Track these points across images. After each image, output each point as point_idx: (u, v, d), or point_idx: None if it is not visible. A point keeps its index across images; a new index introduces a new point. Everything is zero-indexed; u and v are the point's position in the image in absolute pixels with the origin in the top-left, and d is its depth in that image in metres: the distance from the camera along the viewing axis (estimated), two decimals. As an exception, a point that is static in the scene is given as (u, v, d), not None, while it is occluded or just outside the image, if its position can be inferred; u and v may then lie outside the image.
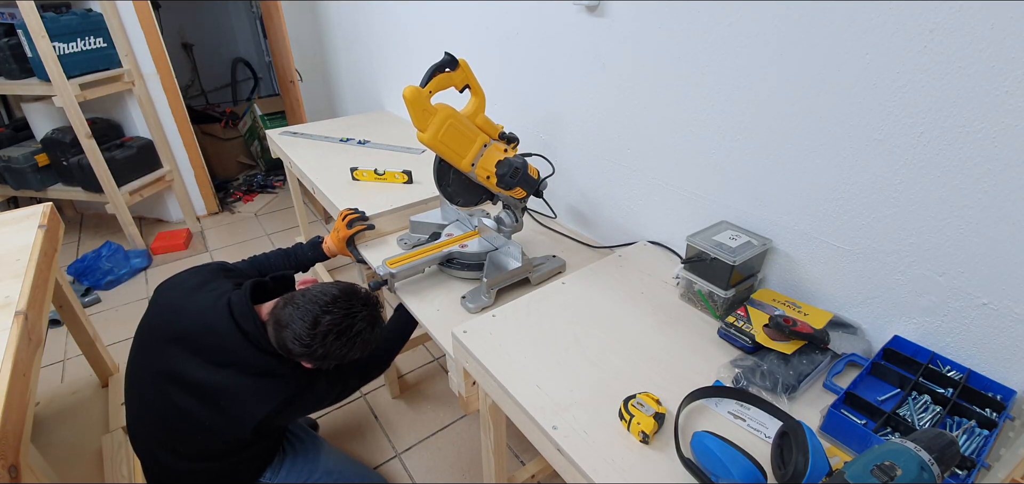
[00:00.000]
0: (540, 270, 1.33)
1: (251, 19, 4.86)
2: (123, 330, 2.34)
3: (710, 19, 1.08)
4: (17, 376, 0.94)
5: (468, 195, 1.32)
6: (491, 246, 1.34)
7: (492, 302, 1.23)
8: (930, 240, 0.89)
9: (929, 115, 0.83)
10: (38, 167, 2.69)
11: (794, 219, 1.08)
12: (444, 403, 1.90)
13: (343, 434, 1.80)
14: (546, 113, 1.61)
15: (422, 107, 1.13)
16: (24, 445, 0.91)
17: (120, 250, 2.77)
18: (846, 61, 0.90)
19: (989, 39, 0.74)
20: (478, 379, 1.03)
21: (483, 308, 1.21)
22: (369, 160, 2.01)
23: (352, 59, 2.95)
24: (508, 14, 1.62)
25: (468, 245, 1.34)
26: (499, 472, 1.22)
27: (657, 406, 0.83)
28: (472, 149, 1.20)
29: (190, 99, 4.50)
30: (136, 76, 2.75)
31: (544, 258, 1.38)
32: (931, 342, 0.94)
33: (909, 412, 0.85)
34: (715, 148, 1.17)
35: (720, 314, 1.08)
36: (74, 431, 1.66)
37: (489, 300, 1.22)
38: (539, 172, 1.28)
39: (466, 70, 1.20)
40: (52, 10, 2.43)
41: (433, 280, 1.33)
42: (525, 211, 1.35)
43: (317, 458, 1.36)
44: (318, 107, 3.48)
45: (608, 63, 1.34)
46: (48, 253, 1.35)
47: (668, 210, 1.34)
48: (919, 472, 0.61)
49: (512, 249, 1.30)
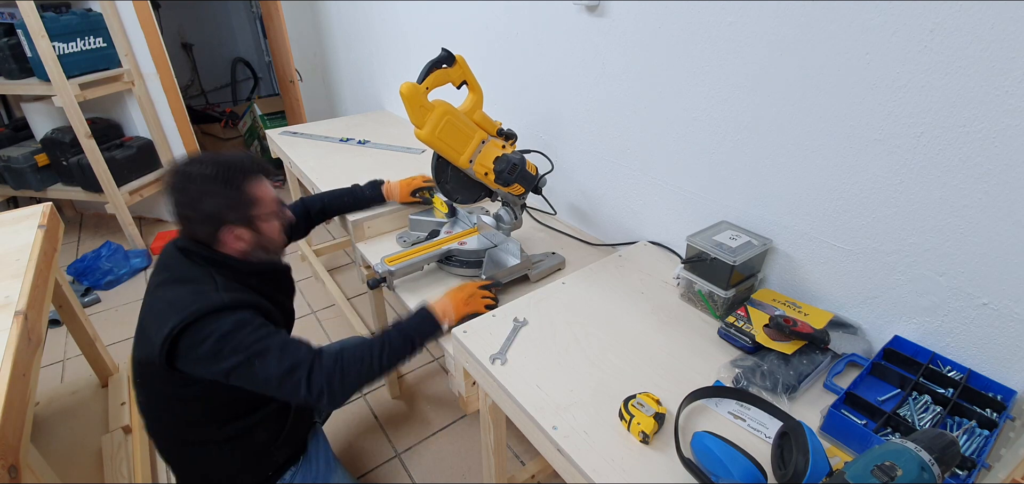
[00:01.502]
0: (539, 267, 1.33)
1: (251, 19, 4.86)
2: (123, 330, 2.34)
3: (710, 19, 1.08)
4: (17, 376, 0.94)
5: (467, 192, 1.32)
6: (490, 243, 1.34)
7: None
8: (930, 240, 0.89)
9: (929, 115, 0.83)
10: (38, 167, 2.69)
11: (794, 219, 1.08)
12: (444, 403, 1.90)
13: (343, 434, 1.80)
14: (546, 112, 1.61)
15: (419, 103, 1.13)
16: (24, 445, 0.91)
17: (120, 250, 2.77)
18: (846, 61, 0.90)
19: (989, 39, 0.74)
20: (478, 379, 1.03)
21: None
22: (369, 160, 2.01)
23: (352, 59, 2.95)
24: (508, 14, 1.62)
25: (467, 242, 1.35)
26: (499, 472, 1.22)
27: (657, 406, 0.83)
28: (470, 145, 1.20)
29: (190, 99, 4.51)
30: (136, 76, 2.75)
31: (543, 255, 1.38)
32: (931, 342, 0.94)
33: (909, 412, 0.85)
34: (715, 148, 1.17)
35: (720, 314, 1.08)
36: (74, 431, 1.66)
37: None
38: (537, 169, 1.28)
39: (463, 66, 1.20)
40: (52, 10, 2.42)
41: (432, 278, 1.33)
42: (524, 208, 1.35)
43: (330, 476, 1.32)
44: (318, 107, 3.48)
45: (608, 63, 1.34)
46: (48, 253, 1.35)
47: (668, 210, 1.34)
48: (919, 472, 0.61)
49: (511, 246, 1.31)
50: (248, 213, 1.05)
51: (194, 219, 1.02)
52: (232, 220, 1.03)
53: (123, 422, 1.64)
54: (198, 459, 1.13)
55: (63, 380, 2.07)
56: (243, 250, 1.07)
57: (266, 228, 1.09)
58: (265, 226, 1.09)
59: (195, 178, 1.01)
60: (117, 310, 2.48)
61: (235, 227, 1.04)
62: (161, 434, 1.14)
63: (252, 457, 1.16)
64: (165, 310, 0.96)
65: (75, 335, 1.71)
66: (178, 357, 0.96)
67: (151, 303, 1.02)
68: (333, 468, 1.31)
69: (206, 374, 0.97)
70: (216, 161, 1.03)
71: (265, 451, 1.17)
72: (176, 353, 0.95)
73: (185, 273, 1.02)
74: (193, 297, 0.96)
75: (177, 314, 0.93)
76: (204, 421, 1.09)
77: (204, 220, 1.02)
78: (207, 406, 1.07)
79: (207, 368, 0.95)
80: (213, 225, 1.02)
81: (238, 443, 1.13)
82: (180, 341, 0.94)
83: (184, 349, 0.95)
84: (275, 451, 1.19)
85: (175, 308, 0.94)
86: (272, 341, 0.97)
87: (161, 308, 0.97)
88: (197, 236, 1.04)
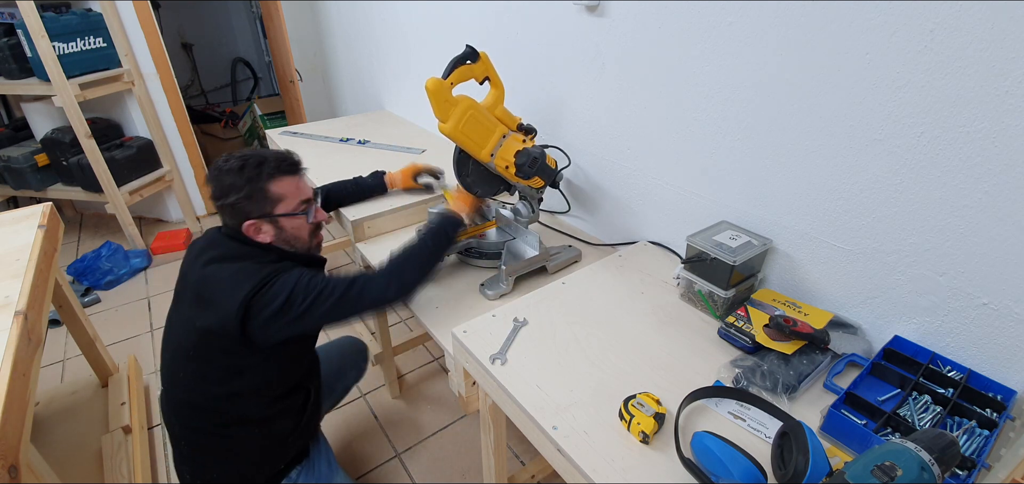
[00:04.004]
0: (557, 259, 1.36)
1: (251, 19, 4.86)
2: (123, 330, 2.34)
3: (710, 19, 1.08)
4: (17, 376, 0.94)
5: (487, 185, 1.34)
6: (509, 236, 1.38)
7: (510, 289, 1.26)
8: (930, 240, 0.89)
9: (929, 115, 0.82)
10: (38, 167, 2.69)
11: (794, 219, 1.08)
12: (444, 403, 1.90)
13: (343, 434, 1.80)
14: (546, 112, 1.61)
15: (444, 98, 1.15)
16: (24, 445, 0.91)
17: (120, 250, 2.77)
18: (846, 61, 0.90)
19: (989, 39, 0.74)
20: (478, 379, 1.03)
21: (501, 295, 1.25)
22: (370, 160, 2.01)
23: (352, 59, 2.95)
24: (508, 14, 1.62)
25: (486, 235, 1.39)
26: (499, 472, 1.22)
27: (657, 406, 0.83)
28: (491, 140, 1.23)
29: (190, 99, 4.51)
30: (136, 76, 2.75)
31: (560, 247, 1.41)
32: (931, 342, 0.94)
33: (909, 412, 0.85)
34: (715, 148, 1.17)
35: (720, 314, 1.08)
36: (74, 431, 1.66)
37: (507, 287, 1.26)
38: (557, 163, 1.30)
39: (486, 62, 1.23)
40: (52, 10, 2.43)
41: (451, 270, 1.36)
42: (541, 202, 1.37)
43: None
44: (318, 107, 3.49)
45: (608, 63, 1.34)
46: (48, 253, 1.35)
47: (668, 210, 1.34)
48: (919, 472, 0.61)
49: (530, 238, 1.34)
50: (269, 209, 1.12)
51: (224, 210, 1.12)
52: (254, 214, 1.10)
53: (123, 422, 1.65)
54: (223, 447, 1.16)
55: (63, 380, 2.07)
56: (267, 242, 1.14)
57: (287, 224, 1.14)
58: (287, 222, 1.14)
59: (224, 173, 1.09)
60: (117, 310, 2.48)
61: (257, 221, 1.11)
62: (195, 417, 1.15)
63: (272, 446, 1.20)
64: (235, 276, 1.04)
65: (75, 335, 1.71)
66: (250, 320, 1.01)
67: (213, 274, 1.06)
68: (334, 470, 1.33)
69: (276, 332, 1.03)
70: (244, 158, 1.11)
71: (282, 442, 1.21)
72: (248, 316, 1.01)
73: (237, 251, 1.11)
74: (257, 266, 1.05)
75: (249, 279, 1.02)
76: (249, 393, 1.13)
77: (230, 212, 1.11)
78: (260, 377, 1.12)
79: (278, 322, 1.02)
80: (236, 218, 1.10)
81: (266, 427, 1.17)
82: (252, 304, 1.00)
83: (256, 310, 1.01)
84: (290, 443, 1.23)
85: (246, 273, 1.03)
86: (327, 277, 1.07)
87: (227, 277, 1.04)
88: (230, 225, 1.13)
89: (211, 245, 1.13)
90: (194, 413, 1.14)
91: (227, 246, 1.12)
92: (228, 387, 1.10)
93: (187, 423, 1.16)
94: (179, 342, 1.12)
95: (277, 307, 1.01)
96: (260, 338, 1.03)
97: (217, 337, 1.04)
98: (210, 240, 1.15)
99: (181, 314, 1.13)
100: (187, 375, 1.12)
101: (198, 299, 1.07)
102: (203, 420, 1.14)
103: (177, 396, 1.15)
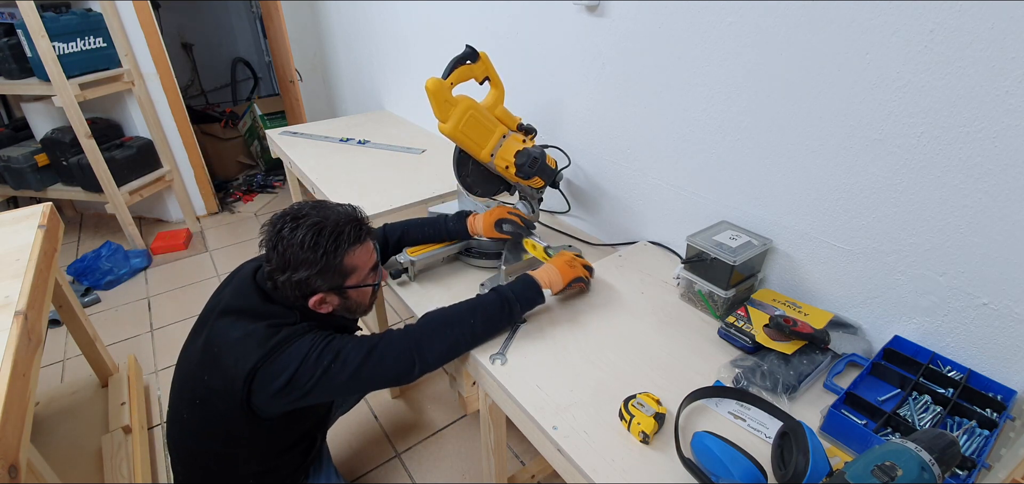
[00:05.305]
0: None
1: (251, 19, 4.86)
2: (123, 330, 2.34)
3: (710, 19, 1.08)
4: (17, 376, 0.94)
5: (486, 185, 1.34)
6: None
7: None
8: (930, 240, 0.89)
9: (929, 115, 0.82)
10: (38, 167, 2.69)
11: (794, 219, 1.08)
12: (444, 403, 1.90)
13: (343, 434, 1.80)
14: (546, 112, 1.61)
15: (444, 98, 1.15)
16: (24, 445, 0.91)
17: (120, 250, 2.76)
18: (846, 61, 0.90)
19: (989, 39, 0.74)
20: (478, 379, 1.03)
21: None
22: (369, 160, 2.01)
23: (352, 59, 2.95)
24: (508, 14, 1.62)
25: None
26: (499, 472, 1.22)
27: (657, 406, 0.83)
28: (491, 140, 1.23)
29: (190, 99, 4.50)
30: (136, 76, 2.75)
31: (560, 247, 1.40)
32: (931, 342, 0.94)
33: (909, 412, 0.85)
34: (715, 148, 1.17)
35: (720, 314, 1.08)
36: (74, 431, 1.66)
37: None
38: (557, 163, 1.30)
39: (486, 63, 1.23)
40: (52, 10, 2.42)
41: (451, 269, 1.36)
42: (541, 202, 1.37)
43: None
44: (318, 107, 3.49)
45: (608, 63, 1.34)
46: (48, 253, 1.35)
47: (668, 210, 1.34)
48: (920, 472, 0.61)
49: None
50: (340, 283, 1.01)
51: (285, 283, 0.98)
52: (322, 289, 1.00)
53: (123, 422, 1.64)
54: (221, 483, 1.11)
55: (63, 380, 2.06)
56: (328, 312, 1.04)
57: (355, 295, 1.05)
58: (355, 293, 1.05)
59: (293, 246, 0.96)
60: (117, 310, 2.48)
61: (325, 294, 1.00)
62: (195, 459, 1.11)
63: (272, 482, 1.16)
64: (243, 342, 0.95)
65: (75, 335, 1.71)
66: (254, 394, 0.94)
67: (223, 332, 0.99)
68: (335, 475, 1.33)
69: (281, 406, 0.96)
70: (318, 227, 0.97)
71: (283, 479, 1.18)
72: (252, 390, 0.94)
73: (257, 308, 1.00)
74: (270, 333, 0.95)
75: (258, 348, 0.93)
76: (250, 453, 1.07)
77: (294, 286, 0.98)
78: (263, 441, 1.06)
79: (283, 399, 0.94)
80: (302, 292, 0.99)
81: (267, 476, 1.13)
82: (256, 376, 0.93)
83: (261, 384, 0.93)
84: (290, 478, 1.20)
85: (255, 340, 0.94)
86: (341, 342, 0.96)
87: (236, 341, 0.96)
88: (285, 293, 1.00)
89: (238, 293, 1.04)
90: (194, 456, 1.11)
91: (249, 299, 1.02)
92: (229, 447, 1.06)
93: (186, 461, 1.13)
94: (186, 382, 1.07)
95: (282, 383, 0.92)
96: (265, 411, 0.97)
97: (221, 400, 0.98)
98: (241, 285, 1.06)
99: (195, 350, 1.05)
100: (191, 420, 1.07)
101: (207, 347, 1.01)
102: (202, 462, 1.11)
103: (180, 434, 1.11)
